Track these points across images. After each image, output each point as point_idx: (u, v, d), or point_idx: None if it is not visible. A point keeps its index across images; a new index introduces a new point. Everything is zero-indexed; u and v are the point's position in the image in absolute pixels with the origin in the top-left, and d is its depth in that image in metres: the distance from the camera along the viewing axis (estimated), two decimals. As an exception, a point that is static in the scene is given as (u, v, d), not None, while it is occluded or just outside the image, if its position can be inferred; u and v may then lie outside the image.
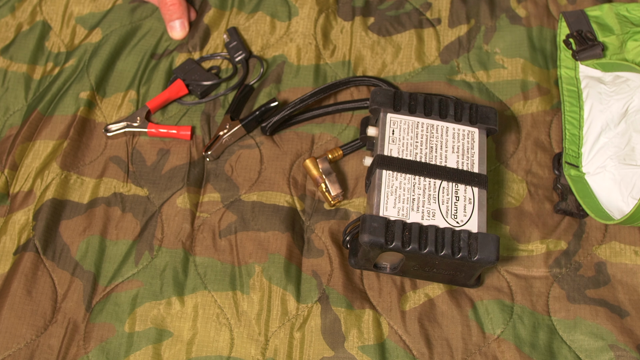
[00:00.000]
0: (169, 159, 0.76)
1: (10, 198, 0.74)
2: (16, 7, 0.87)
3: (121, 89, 0.81)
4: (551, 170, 0.74)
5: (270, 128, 0.75)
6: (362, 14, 0.85)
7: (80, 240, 0.70)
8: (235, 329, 0.66)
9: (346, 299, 0.67)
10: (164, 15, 0.84)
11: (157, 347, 0.65)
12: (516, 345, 0.65)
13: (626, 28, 0.73)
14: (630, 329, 0.65)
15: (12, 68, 0.83)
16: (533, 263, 0.69)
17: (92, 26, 0.85)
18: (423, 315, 0.66)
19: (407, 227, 0.61)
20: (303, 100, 0.76)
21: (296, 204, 0.73)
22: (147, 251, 0.70)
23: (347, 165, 0.75)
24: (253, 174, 0.75)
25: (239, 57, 0.82)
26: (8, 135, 0.78)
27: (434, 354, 0.65)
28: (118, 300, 0.68)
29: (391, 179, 0.64)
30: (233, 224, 0.71)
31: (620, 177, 0.71)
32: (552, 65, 0.81)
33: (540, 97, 0.79)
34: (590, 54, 0.74)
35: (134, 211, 0.72)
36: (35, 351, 0.65)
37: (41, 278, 0.68)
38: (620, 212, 0.69)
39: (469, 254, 0.60)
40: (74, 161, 0.75)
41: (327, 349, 0.65)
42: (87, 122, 0.78)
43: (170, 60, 0.83)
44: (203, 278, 0.69)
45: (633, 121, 0.71)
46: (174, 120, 0.79)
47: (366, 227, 0.60)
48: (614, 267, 0.69)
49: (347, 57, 0.82)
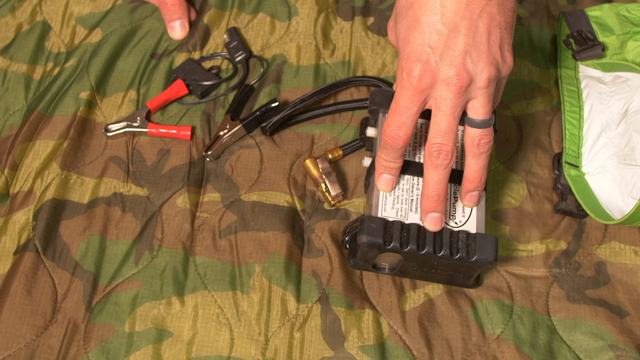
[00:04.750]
0: (169, 159, 0.76)
1: (10, 198, 0.74)
2: (16, 7, 0.87)
3: (121, 89, 0.81)
4: (551, 170, 0.74)
5: (270, 128, 0.76)
6: (362, 14, 0.85)
7: (80, 240, 0.71)
8: (235, 329, 0.66)
9: (346, 299, 0.67)
10: (164, 15, 0.84)
11: (157, 347, 0.65)
12: (516, 345, 0.65)
13: (626, 28, 0.73)
14: (630, 329, 0.65)
15: (12, 68, 0.83)
16: (533, 263, 0.69)
17: (92, 26, 0.85)
18: (423, 315, 0.66)
19: (405, 227, 0.61)
20: (303, 101, 0.76)
21: (296, 204, 0.73)
22: (147, 251, 0.70)
23: (347, 165, 0.75)
24: (253, 174, 0.75)
25: (239, 57, 0.82)
26: (8, 135, 0.78)
27: (434, 354, 0.65)
28: (118, 300, 0.68)
29: None
30: (233, 224, 0.71)
31: (620, 177, 0.71)
32: (552, 65, 0.81)
33: (540, 97, 0.79)
34: (590, 54, 0.74)
35: (134, 211, 0.72)
36: (35, 351, 0.65)
37: (41, 278, 0.68)
38: (620, 212, 0.69)
39: (467, 254, 0.60)
40: (74, 161, 0.75)
41: (327, 349, 0.65)
42: (87, 122, 0.78)
43: (170, 60, 0.83)
44: (203, 278, 0.69)
45: (633, 121, 0.71)
46: (174, 120, 0.79)
47: (364, 228, 0.60)
48: (614, 267, 0.69)
49: (347, 57, 0.82)
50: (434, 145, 0.58)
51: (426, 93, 0.57)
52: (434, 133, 0.58)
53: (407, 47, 0.57)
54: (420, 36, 0.56)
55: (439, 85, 0.56)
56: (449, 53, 0.56)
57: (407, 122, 0.58)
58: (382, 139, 0.60)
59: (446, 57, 0.56)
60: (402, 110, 0.58)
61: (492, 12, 0.56)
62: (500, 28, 0.57)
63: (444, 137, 0.58)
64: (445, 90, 0.56)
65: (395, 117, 0.58)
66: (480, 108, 0.58)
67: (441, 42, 0.56)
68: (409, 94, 0.57)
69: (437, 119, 0.58)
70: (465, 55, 0.56)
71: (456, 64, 0.56)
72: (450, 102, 0.56)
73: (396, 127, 0.58)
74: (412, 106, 0.57)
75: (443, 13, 0.56)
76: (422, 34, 0.56)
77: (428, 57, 0.56)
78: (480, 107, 0.58)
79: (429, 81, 0.56)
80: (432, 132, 0.58)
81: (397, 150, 0.60)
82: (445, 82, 0.56)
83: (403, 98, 0.57)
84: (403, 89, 0.57)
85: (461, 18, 0.56)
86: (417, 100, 0.57)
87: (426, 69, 0.56)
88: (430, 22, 0.56)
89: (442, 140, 0.58)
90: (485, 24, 0.56)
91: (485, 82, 0.57)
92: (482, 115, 0.58)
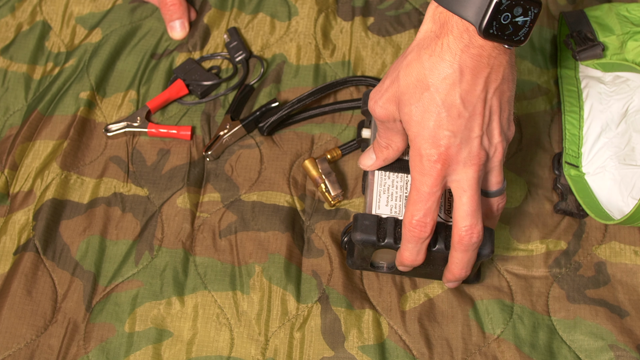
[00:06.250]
0: (169, 159, 0.76)
1: (10, 198, 0.74)
2: (16, 7, 0.87)
3: (121, 89, 0.81)
4: (551, 170, 0.74)
5: (267, 128, 0.76)
6: (362, 14, 0.85)
7: (80, 240, 0.70)
8: (235, 329, 0.66)
9: (346, 299, 0.67)
10: (164, 15, 0.84)
11: (157, 347, 0.65)
12: (516, 345, 0.65)
13: (626, 28, 0.73)
14: (630, 329, 0.65)
15: (12, 68, 0.83)
16: (533, 263, 0.69)
17: (92, 26, 0.85)
18: (423, 315, 0.66)
19: (399, 223, 0.61)
20: (300, 100, 0.76)
21: (296, 203, 0.73)
22: (147, 251, 0.70)
23: (346, 165, 0.75)
24: (253, 174, 0.75)
25: (239, 57, 0.82)
26: (8, 135, 0.78)
27: (434, 354, 0.65)
28: (118, 300, 0.68)
29: (384, 178, 0.65)
30: (233, 224, 0.71)
31: (620, 177, 0.71)
32: (552, 65, 0.81)
33: (540, 97, 0.79)
34: (590, 54, 0.74)
35: (134, 211, 0.72)
36: (35, 351, 0.65)
37: (41, 278, 0.68)
38: (620, 212, 0.69)
39: None
40: (74, 161, 0.75)
41: (327, 349, 0.65)
42: (87, 122, 0.78)
43: (170, 60, 0.83)
44: (203, 278, 0.69)
45: (633, 121, 0.71)
46: (174, 120, 0.79)
47: (358, 225, 0.61)
48: (614, 267, 0.69)
49: (347, 57, 0.82)
50: (464, 229, 0.57)
51: (447, 176, 0.57)
52: (463, 215, 0.57)
53: (425, 132, 0.56)
54: (440, 121, 0.55)
55: (459, 168, 0.56)
56: (469, 136, 0.56)
57: (434, 207, 0.57)
58: (407, 231, 0.58)
59: (466, 141, 0.56)
60: (427, 196, 0.56)
61: (502, 89, 0.56)
62: (508, 103, 0.58)
63: (473, 217, 0.57)
64: (467, 172, 0.56)
65: (419, 205, 0.57)
66: (496, 178, 0.60)
67: (462, 126, 0.55)
68: (431, 179, 0.56)
69: (463, 200, 0.57)
70: (483, 136, 0.56)
71: (475, 146, 0.56)
72: (474, 182, 0.56)
73: (423, 214, 0.57)
74: (437, 190, 0.56)
75: (462, 97, 0.55)
76: (443, 118, 0.55)
77: (449, 141, 0.55)
78: (495, 179, 0.60)
79: (451, 165, 0.56)
80: (460, 215, 0.57)
81: (424, 240, 0.58)
82: (467, 164, 0.56)
83: (426, 184, 0.56)
84: (425, 175, 0.56)
85: (477, 99, 0.55)
86: (441, 185, 0.56)
87: (448, 154, 0.55)
88: (449, 106, 0.55)
89: (471, 222, 0.57)
90: (497, 103, 0.56)
91: (499, 157, 0.58)
92: (498, 185, 0.60)
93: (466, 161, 0.56)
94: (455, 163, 0.56)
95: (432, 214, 0.57)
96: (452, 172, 0.56)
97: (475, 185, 0.57)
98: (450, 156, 0.56)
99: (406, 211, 0.58)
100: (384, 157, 0.64)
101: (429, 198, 0.56)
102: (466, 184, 0.57)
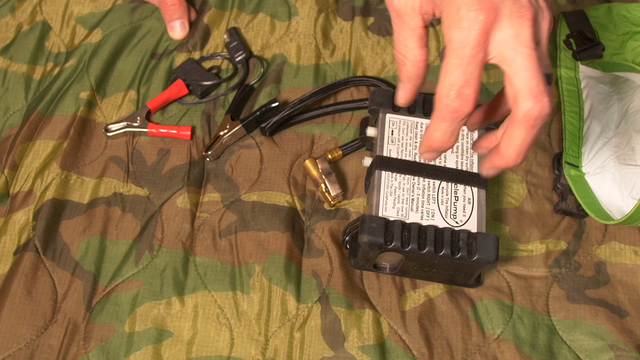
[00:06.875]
0: (169, 159, 0.76)
1: (10, 198, 0.74)
2: (16, 7, 0.87)
3: (121, 89, 0.81)
4: (551, 170, 0.74)
5: (269, 128, 0.76)
6: (362, 13, 0.85)
7: (80, 240, 0.71)
8: (235, 329, 0.66)
9: (346, 299, 0.67)
10: (164, 15, 0.84)
11: (157, 347, 0.65)
12: (516, 345, 0.65)
13: (626, 28, 0.73)
14: (630, 329, 0.65)
15: (12, 68, 0.83)
16: (533, 263, 0.69)
17: (92, 26, 0.85)
18: (423, 315, 0.66)
19: (406, 227, 0.61)
20: (302, 101, 0.76)
21: (296, 204, 0.73)
22: (147, 251, 0.70)
23: (346, 165, 0.75)
24: (253, 174, 0.75)
25: (239, 57, 0.82)
26: (8, 135, 0.78)
27: (434, 354, 0.65)
28: (118, 300, 0.68)
29: (390, 180, 0.64)
30: (233, 224, 0.71)
31: (620, 177, 0.71)
32: (552, 65, 0.81)
33: (540, 97, 0.79)
34: (590, 54, 0.74)
35: (134, 211, 0.72)
36: (35, 351, 0.65)
37: (41, 278, 0.68)
38: (620, 212, 0.69)
39: (468, 253, 0.60)
40: (74, 161, 0.75)
41: (327, 349, 0.65)
42: (87, 122, 0.78)
43: (170, 60, 0.83)
44: (203, 278, 0.69)
45: (633, 121, 0.71)
46: (174, 120, 0.79)
47: (365, 228, 0.60)
48: (614, 267, 0.69)
49: (347, 57, 0.82)
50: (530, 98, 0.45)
51: (491, 36, 0.45)
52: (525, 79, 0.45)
53: None
54: None
55: (506, 22, 0.45)
56: None
57: (477, 74, 0.45)
58: (443, 106, 0.47)
59: None
60: (470, 58, 0.45)
61: None
62: None
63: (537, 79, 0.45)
64: (516, 25, 0.45)
65: (460, 71, 0.45)
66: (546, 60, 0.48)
67: None
68: (474, 34, 0.44)
69: (518, 62, 0.45)
70: None
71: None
72: (529, 35, 0.45)
73: (464, 82, 0.45)
74: (480, 51, 0.45)
75: None
76: None
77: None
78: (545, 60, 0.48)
79: (497, 18, 0.45)
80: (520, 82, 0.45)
81: (463, 118, 0.47)
82: (515, 16, 0.45)
83: (468, 43, 0.45)
84: (465, 29, 0.45)
85: None
86: (485, 45, 0.45)
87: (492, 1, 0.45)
88: None
89: (538, 87, 0.45)
90: None
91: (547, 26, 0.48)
92: (547, 69, 0.48)
93: (513, 12, 0.45)
94: (500, 15, 0.45)
95: (474, 83, 0.46)
96: (498, 28, 0.46)
97: (531, 41, 0.45)
98: (495, 4, 0.45)
99: (440, 81, 0.46)
100: (406, 76, 0.52)
101: (471, 61, 0.45)
102: (518, 39, 0.45)
